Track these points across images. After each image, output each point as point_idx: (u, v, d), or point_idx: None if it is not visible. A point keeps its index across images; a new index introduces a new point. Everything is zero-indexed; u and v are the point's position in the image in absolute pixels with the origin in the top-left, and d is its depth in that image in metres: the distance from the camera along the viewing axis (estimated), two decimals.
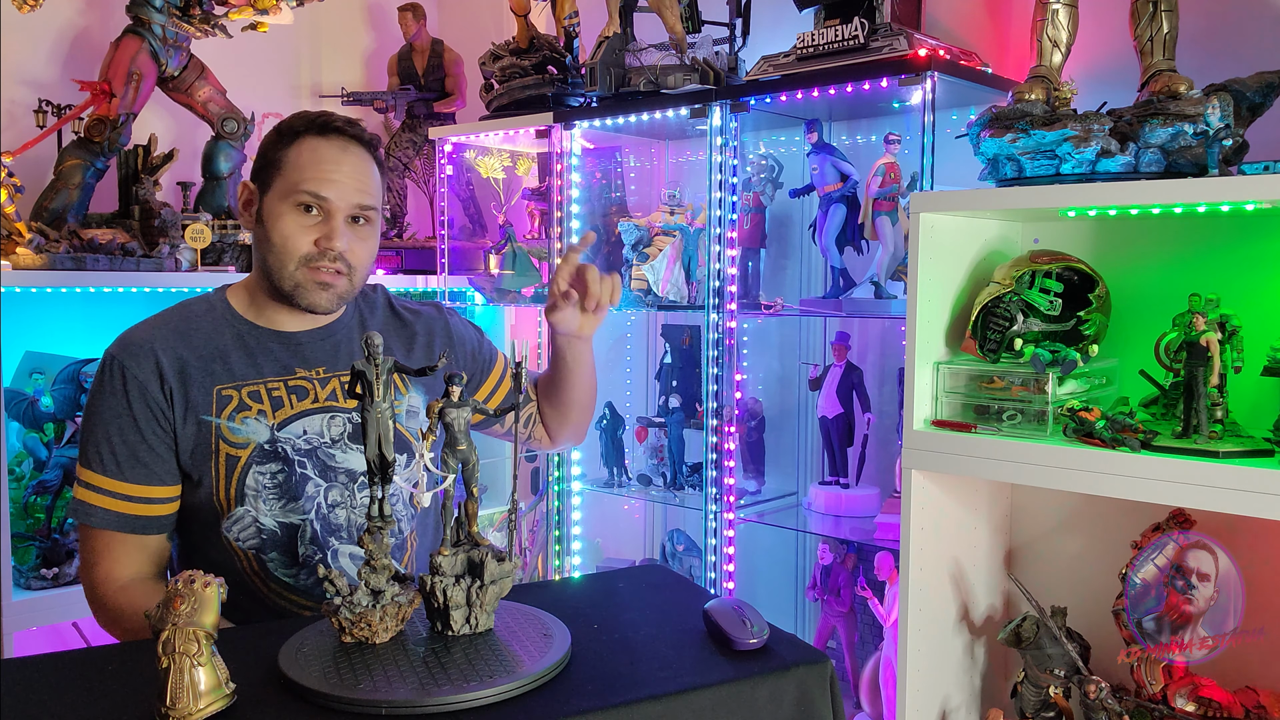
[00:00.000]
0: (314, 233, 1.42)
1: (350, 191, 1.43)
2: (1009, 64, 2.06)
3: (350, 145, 1.45)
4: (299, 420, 1.44)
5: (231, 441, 1.40)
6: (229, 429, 1.40)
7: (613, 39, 2.32)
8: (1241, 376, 1.50)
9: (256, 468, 1.41)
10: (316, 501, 1.43)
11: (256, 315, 1.49)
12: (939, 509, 1.71)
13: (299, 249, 1.42)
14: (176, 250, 2.42)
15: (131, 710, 0.97)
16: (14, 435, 2.25)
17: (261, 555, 1.42)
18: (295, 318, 1.50)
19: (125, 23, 2.42)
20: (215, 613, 0.95)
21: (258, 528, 1.41)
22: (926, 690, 1.72)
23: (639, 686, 1.02)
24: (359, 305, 1.60)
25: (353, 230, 1.45)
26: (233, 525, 1.41)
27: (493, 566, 1.13)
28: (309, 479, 1.43)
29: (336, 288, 1.45)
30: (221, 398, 1.42)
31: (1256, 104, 1.51)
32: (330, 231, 1.42)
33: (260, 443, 1.41)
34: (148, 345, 1.42)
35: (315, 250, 1.42)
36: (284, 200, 1.42)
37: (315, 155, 1.42)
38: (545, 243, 2.66)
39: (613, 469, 2.59)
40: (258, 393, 1.44)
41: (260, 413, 1.42)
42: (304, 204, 1.41)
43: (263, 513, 1.41)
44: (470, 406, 1.15)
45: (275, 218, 1.42)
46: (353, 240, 1.44)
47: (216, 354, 1.44)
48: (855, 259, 2.19)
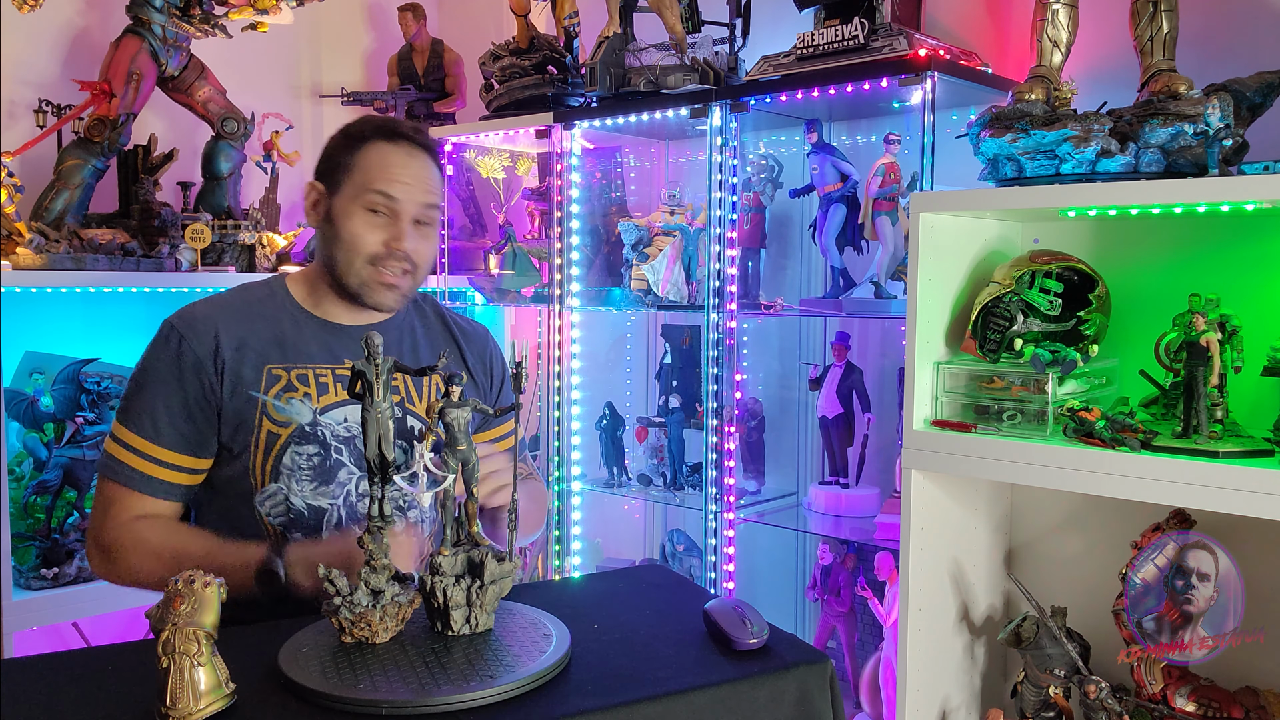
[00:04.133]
0: (382, 233, 1.48)
1: (417, 193, 1.49)
2: (1009, 64, 2.06)
3: (416, 151, 1.51)
4: (342, 408, 1.48)
5: (275, 419, 1.45)
6: (274, 407, 1.45)
7: (613, 39, 2.32)
8: (1241, 376, 1.50)
9: (295, 447, 1.45)
10: (347, 489, 1.47)
11: (314, 306, 1.55)
12: (939, 509, 1.71)
13: (367, 248, 1.48)
14: (176, 250, 2.42)
15: (131, 710, 0.97)
16: (14, 435, 2.25)
17: (288, 534, 1.45)
18: (351, 312, 1.55)
19: (125, 23, 2.41)
20: (215, 613, 0.95)
21: (288, 505, 1.45)
22: (926, 690, 1.72)
23: (639, 686, 1.02)
24: (410, 310, 1.64)
25: (417, 231, 1.51)
26: (265, 500, 1.45)
27: (493, 566, 1.13)
28: (343, 465, 1.47)
29: (401, 288, 1.51)
30: (271, 376, 1.47)
31: (1256, 104, 1.51)
32: (399, 233, 1.48)
33: (303, 424, 1.46)
34: (210, 321, 1.47)
35: (384, 250, 1.48)
36: (354, 201, 1.48)
37: (384, 159, 1.48)
38: (545, 243, 2.66)
39: (613, 469, 2.59)
40: (305, 376, 1.48)
41: (306, 395, 1.47)
42: (374, 206, 1.47)
43: (294, 492, 1.45)
44: (470, 406, 1.15)
45: (345, 217, 1.48)
46: (417, 240, 1.51)
47: (272, 336, 1.49)
48: (855, 259, 2.19)
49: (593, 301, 2.58)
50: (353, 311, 1.55)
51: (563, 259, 2.56)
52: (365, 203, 1.48)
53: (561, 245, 2.56)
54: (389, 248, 1.48)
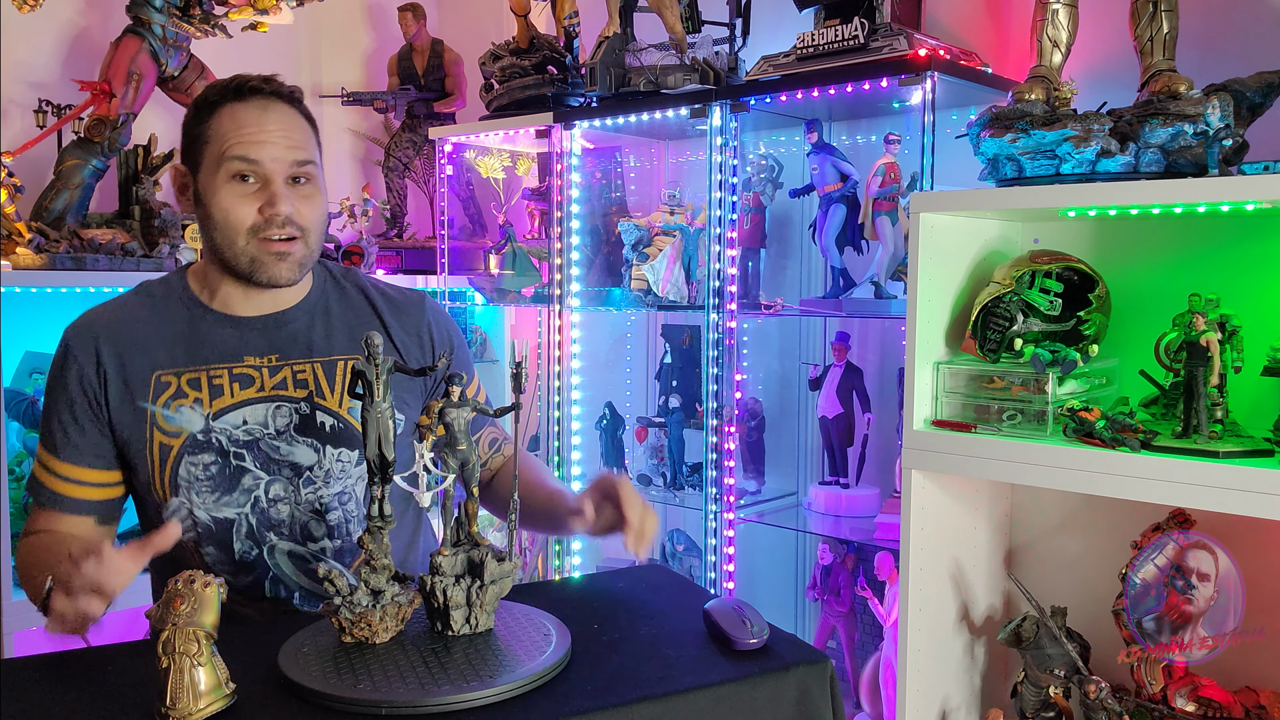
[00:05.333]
0: (255, 201, 1.35)
1: (281, 150, 1.35)
2: (1009, 64, 2.06)
3: (271, 103, 1.37)
4: (239, 410, 1.38)
5: (165, 430, 1.36)
6: (163, 417, 1.36)
7: (613, 39, 2.32)
8: (1241, 376, 1.50)
9: (189, 458, 1.36)
10: (255, 495, 1.38)
11: (210, 298, 1.44)
12: (939, 509, 1.71)
13: (244, 220, 1.35)
14: (176, 250, 2.41)
15: (131, 710, 0.97)
16: (14, 435, 2.25)
17: (201, 549, 1.38)
18: (250, 301, 1.43)
19: (125, 23, 2.41)
20: (215, 613, 0.95)
21: (194, 520, 1.37)
22: (926, 690, 1.72)
23: (639, 686, 1.02)
24: (326, 287, 1.51)
25: (294, 191, 1.37)
26: (170, 515, 1.37)
27: (493, 566, 1.13)
28: (247, 471, 1.37)
29: (293, 254, 1.38)
30: (160, 384, 1.37)
31: (1256, 104, 1.51)
32: (273, 196, 1.35)
33: (194, 432, 1.36)
34: (92, 329, 1.40)
35: (261, 219, 1.35)
36: (216, 173, 1.35)
37: (236, 120, 1.35)
38: (545, 243, 2.66)
39: (613, 469, 2.59)
40: (197, 380, 1.38)
41: (196, 401, 1.37)
42: (238, 173, 1.34)
43: (196, 505, 1.37)
44: (470, 406, 1.15)
45: (211, 193, 1.36)
46: (297, 201, 1.37)
47: (162, 339, 1.40)
48: (855, 259, 2.18)
49: (593, 301, 2.58)
50: (251, 298, 1.42)
51: (563, 259, 2.56)
52: (228, 172, 1.34)
53: (561, 245, 2.56)
54: (265, 215, 1.34)
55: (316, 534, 1.40)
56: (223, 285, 1.42)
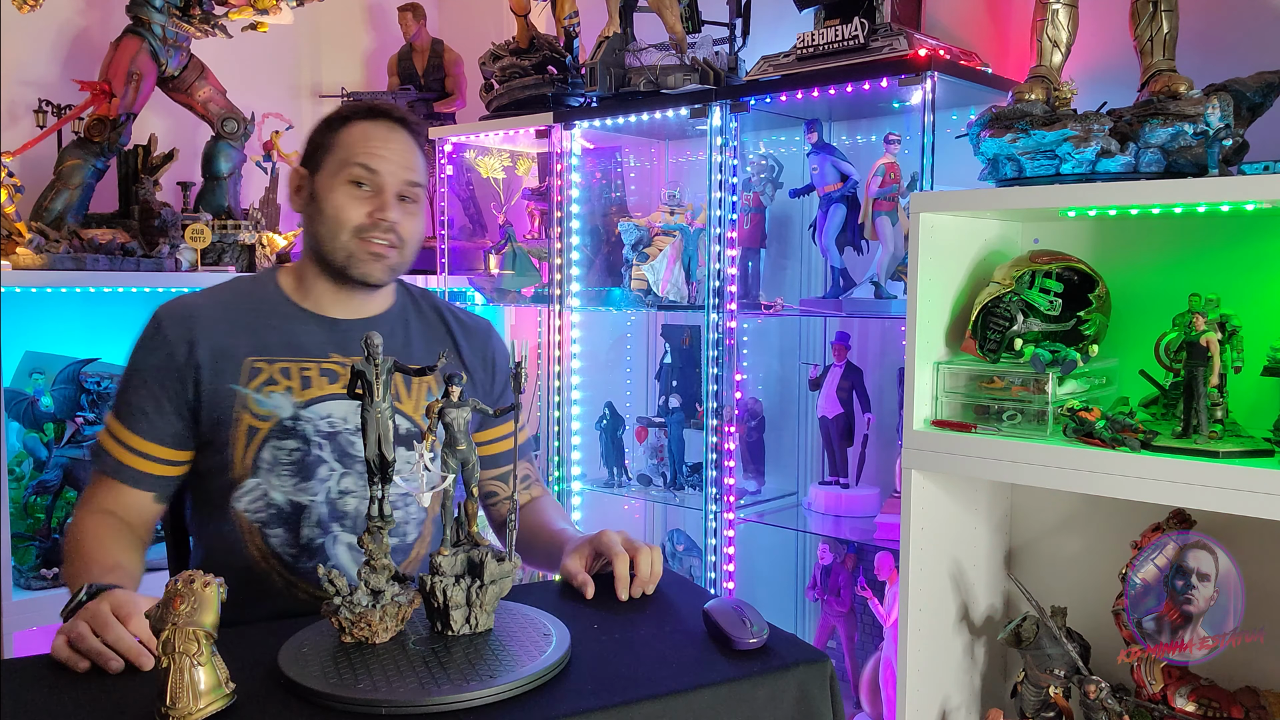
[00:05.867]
0: (366, 205, 1.48)
1: (398, 167, 1.49)
2: (1009, 64, 2.06)
3: (397, 128, 1.52)
4: (325, 403, 1.46)
5: (255, 413, 1.44)
6: (254, 400, 1.44)
7: (613, 39, 2.32)
8: (1241, 376, 1.50)
9: (274, 442, 1.43)
10: (328, 485, 1.45)
11: (303, 298, 1.54)
12: (939, 509, 1.71)
13: (352, 220, 1.47)
14: (176, 250, 2.42)
15: (131, 710, 0.97)
16: (14, 435, 2.25)
17: (266, 530, 1.44)
18: (341, 303, 1.53)
19: (125, 23, 2.42)
20: (215, 613, 0.95)
21: (267, 501, 1.44)
22: (926, 690, 1.72)
23: (638, 686, 1.02)
24: (405, 303, 1.62)
25: (401, 206, 1.50)
26: (243, 496, 1.44)
27: (493, 566, 1.13)
28: (324, 462, 1.45)
29: (388, 259, 1.49)
30: (252, 369, 1.46)
31: (1256, 104, 1.51)
32: (383, 204, 1.48)
33: (283, 418, 1.44)
34: (193, 313, 1.48)
35: (368, 221, 1.47)
36: (335, 176, 1.48)
37: (364, 135, 1.49)
38: (545, 243, 2.66)
39: (613, 469, 2.59)
40: (288, 370, 1.47)
41: (288, 389, 1.45)
42: (356, 179, 1.47)
43: (274, 487, 1.44)
44: (470, 406, 1.15)
45: (328, 192, 1.48)
46: (402, 215, 1.50)
47: (256, 329, 1.49)
48: (855, 259, 2.18)
49: (593, 301, 2.58)
50: (342, 301, 1.53)
51: (563, 259, 2.56)
52: (347, 177, 1.47)
53: (561, 245, 2.56)
54: (373, 219, 1.47)
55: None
56: (317, 285, 1.53)
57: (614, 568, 1.32)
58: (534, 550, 1.56)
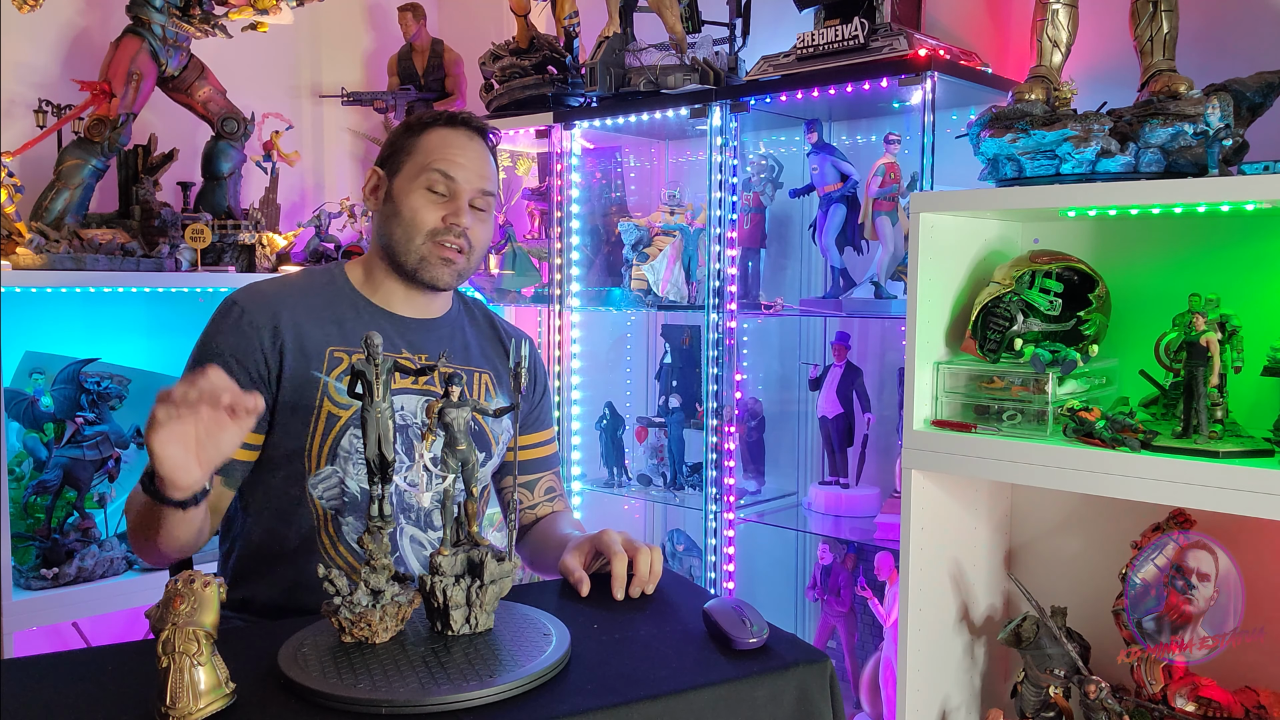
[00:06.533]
0: (441, 209, 1.51)
1: (474, 176, 1.53)
2: (1009, 64, 2.06)
3: (475, 137, 1.56)
4: (397, 396, 1.48)
5: (336, 401, 1.45)
6: (335, 389, 1.46)
7: (613, 39, 2.32)
8: (1241, 376, 1.50)
9: (354, 430, 1.45)
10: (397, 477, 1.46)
11: (372, 292, 1.57)
12: (939, 509, 1.71)
13: (427, 223, 1.50)
14: (176, 250, 2.41)
15: (131, 710, 0.97)
16: (14, 435, 2.25)
17: (340, 517, 1.46)
18: (408, 301, 1.56)
19: (125, 23, 2.41)
20: (215, 612, 0.95)
21: (342, 489, 1.45)
22: (926, 690, 1.72)
23: (638, 686, 1.02)
24: (460, 308, 1.66)
25: (473, 214, 1.54)
26: (319, 483, 1.45)
27: (493, 566, 1.13)
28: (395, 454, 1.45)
29: (457, 265, 1.53)
30: (333, 358, 1.47)
31: (1256, 104, 1.51)
32: (457, 209, 1.51)
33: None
34: (271, 298, 1.49)
35: (442, 225, 1.50)
36: (413, 180, 1.52)
37: (444, 141, 1.53)
38: (545, 243, 2.66)
39: (613, 469, 2.59)
40: None
41: None
42: (433, 185, 1.51)
43: (350, 475, 1.45)
44: (470, 406, 1.15)
45: (405, 195, 1.52)
46: (474, 222, 1.53)
47: (334, 318, 1.51)
48: (855, 259, 2.19)
49: (593, 301, 2.58)
50: (410, 299, 1.56)
51: (563, 259, 2.56)
52: (425, 182, 1.51)
53: (561, 245, 2.56)
54: (447, 223, 1.50)
55: (437, 524, 1.49)
56: (386, 282, 1.56)
57: (611, 567, 1.33)
58: (544, 559, 1.57)
